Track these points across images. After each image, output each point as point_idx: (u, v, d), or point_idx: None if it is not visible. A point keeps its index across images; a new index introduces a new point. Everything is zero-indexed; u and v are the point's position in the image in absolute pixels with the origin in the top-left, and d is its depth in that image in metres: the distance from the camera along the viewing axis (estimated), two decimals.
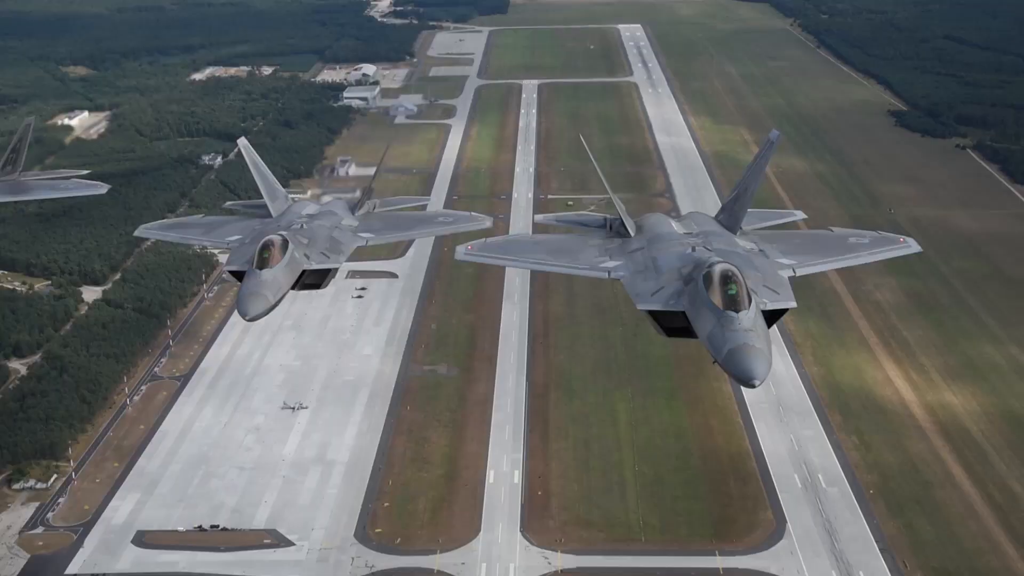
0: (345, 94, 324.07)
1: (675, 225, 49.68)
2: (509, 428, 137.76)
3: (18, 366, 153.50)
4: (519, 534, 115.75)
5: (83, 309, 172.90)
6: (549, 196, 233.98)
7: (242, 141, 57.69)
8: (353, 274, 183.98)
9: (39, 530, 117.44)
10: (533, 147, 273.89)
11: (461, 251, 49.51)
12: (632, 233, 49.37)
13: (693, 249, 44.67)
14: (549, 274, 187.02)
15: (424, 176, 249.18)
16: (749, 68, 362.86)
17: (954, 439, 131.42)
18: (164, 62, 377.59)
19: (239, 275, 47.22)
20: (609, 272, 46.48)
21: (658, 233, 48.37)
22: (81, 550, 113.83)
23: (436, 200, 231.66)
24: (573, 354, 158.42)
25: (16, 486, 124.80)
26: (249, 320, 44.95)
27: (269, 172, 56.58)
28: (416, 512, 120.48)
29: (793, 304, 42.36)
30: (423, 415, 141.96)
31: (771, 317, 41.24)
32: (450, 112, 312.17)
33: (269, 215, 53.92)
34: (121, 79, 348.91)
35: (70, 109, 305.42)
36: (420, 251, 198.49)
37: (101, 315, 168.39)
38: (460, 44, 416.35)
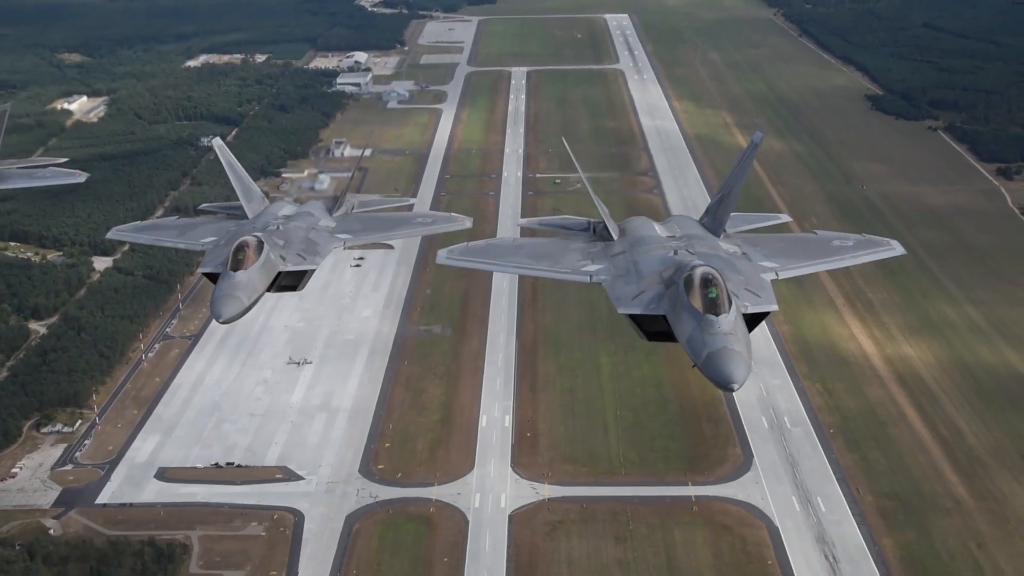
0: (338, 80, 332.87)
1: (658, 228, 49.19)
2: (500, 380, 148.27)
3: (38, 327, 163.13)
4: (510, 469, 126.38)
5: (95, 276, 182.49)
6: (537, 175, 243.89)
7: (216, 141, 56.22)
8: (351, 245, 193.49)
9: (69, 467, 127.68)
10: (522, 130, 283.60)
11: (442, 255, 48.52)
12: (615, 236, 48.83)
13: (675, 252, 44.41)
14: (538, 232, 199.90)
15: (417, 157, 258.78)
16: (732, 55, 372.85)
17: (909, 386, 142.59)
18: (158, 49, 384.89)
19: (214, 277, 45.87)
20: (591, 276, 45.90)
21: (640, 236, 47.99)
22: (108, 484, 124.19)
23: (429, 179, 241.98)
24: (560, 315, 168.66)
25: (44, 430, 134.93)
26: (223, 323, 43.56)
27: (245, 173, 55.06)
28: (415, 451, 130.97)
29: (774, 307, 41.78)
30: (420, 369, 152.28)
31: (752, 320, 40.93)
32: (441, 97, 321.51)
33: (245, 216, 52.56)
34: (116, 66, 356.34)
35: (68, 94, 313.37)
36: None
37: (113, 281, 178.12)
38: (450, 33, 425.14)
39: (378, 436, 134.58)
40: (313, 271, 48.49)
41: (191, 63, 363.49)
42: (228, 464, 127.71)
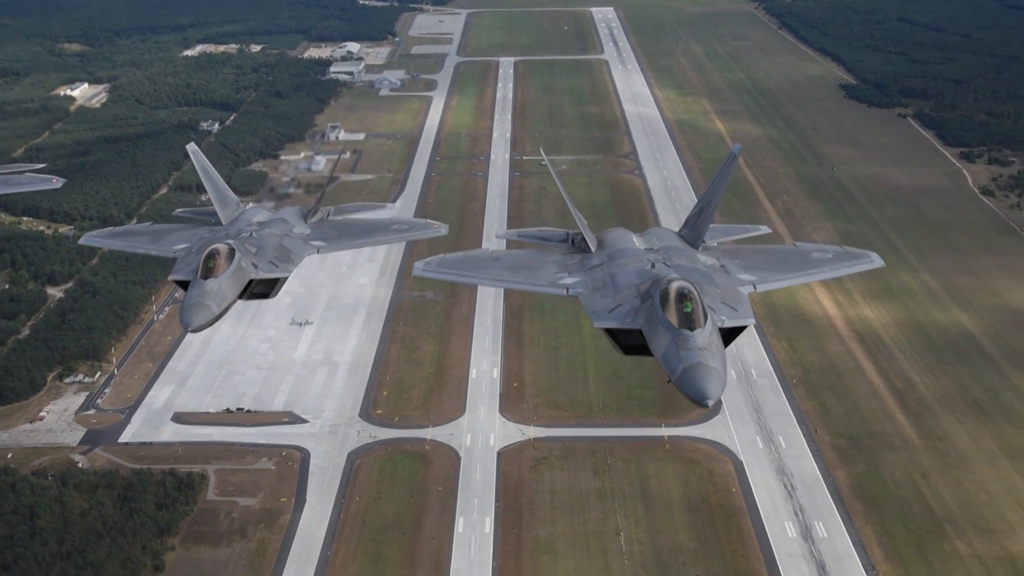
0: (332, 69, 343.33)
1: (636, 240, 48.71)
2: (488, 338, 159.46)
3: (55, 292, 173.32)
4: (498, 414, 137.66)
5: (103, 248, 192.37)
6: (524, 157, 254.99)
7: (191, 147, 55.63)
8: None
9: (91, 412, 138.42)
10: (509, 116, 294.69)
11: (419, 267, 47.83)
12: (593, 248, 48.43)
13: (652, 265, 44.04)
14: (528, 216, 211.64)
15: (409, 140, 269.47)
16: (714, 47, 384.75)
17: (867, 343, 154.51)
18: (156, 39, 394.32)
19: (186, 284, 45.10)
20: (567, 289, 45.55)
21: (619, 249, 47.51)
22: (129, 426, 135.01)
23: (420, 161, 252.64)
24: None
25: (67, 380, 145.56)
26: (191, 331, 42.87)
27: (220, 178, 54.88)
28: (410, 399, 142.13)
29: (751, 321, 42.07)
30: (414, 329, 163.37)
31: (729, 335, 40.86)
32: (431, 85, 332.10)
33: (219, 223, 52.35)
34: (116, 55, 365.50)
35: (70, 81, 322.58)
36: (408, 200, 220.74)
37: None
38: (440, 25, 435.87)
39: (376, 386, 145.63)
40: (286, 279, 48.17)
41: (188, 52, 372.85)
42: (238, 409, 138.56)
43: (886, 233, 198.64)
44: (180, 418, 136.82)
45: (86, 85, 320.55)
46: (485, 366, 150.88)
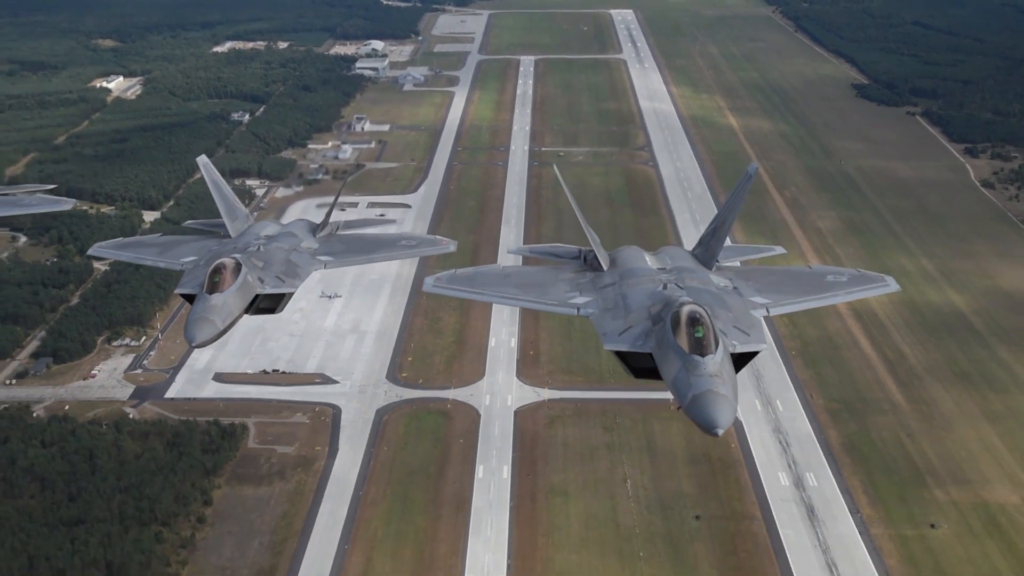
0: (357, 64, 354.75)
1: (649, 259, 48.12)
2: (507, 312, 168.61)
3: (100, 266, 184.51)
4: (515, 378, 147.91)
5: (146, 225, 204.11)
6: (543, 148, 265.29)
7: (202, 159, 55.78)
8: (374, 204, 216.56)
9: (138, 371, 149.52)
10: (529, 110, 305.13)
11: (429, 283, 47.41)
12: (605, 267, 47.93)
13: (664, 286, 43.32)
14: (545, 202, 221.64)
15: (432, 132, 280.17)
16: (730, 48, 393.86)
17: (864, 320, 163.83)
18: (185, 36, 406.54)
19: (192, 298, 44.75)
20: (578, 308, 44.74)
21: (631, 268, 46.83)
22: (173, 384, 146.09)
23: (443, 151, 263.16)
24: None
25: (115, 343, 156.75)
26: (196, 347, 42.96)
27: (230, 191, 54.99)
28: (433, 364, 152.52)
29: (764, 346, 40.98)
30: (436, 303, 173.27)
31: (741, 360, 39.91)
32: (454, 81, 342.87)
33: (228, 235, 52.08)
34: (148, 50, 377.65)
35: (105, 74, 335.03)
36: (431, 187, 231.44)
37: (164, 227, 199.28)
38: (462, 24, 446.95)
39: (401, 352, 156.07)
40: (292, 294, 47.60)
41: (218, 49, 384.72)
42: (274, 371, 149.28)
43: (888, 221, 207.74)
44: (221, 377, 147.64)
45: (121, 78, 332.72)
46: (503, 336, 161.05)
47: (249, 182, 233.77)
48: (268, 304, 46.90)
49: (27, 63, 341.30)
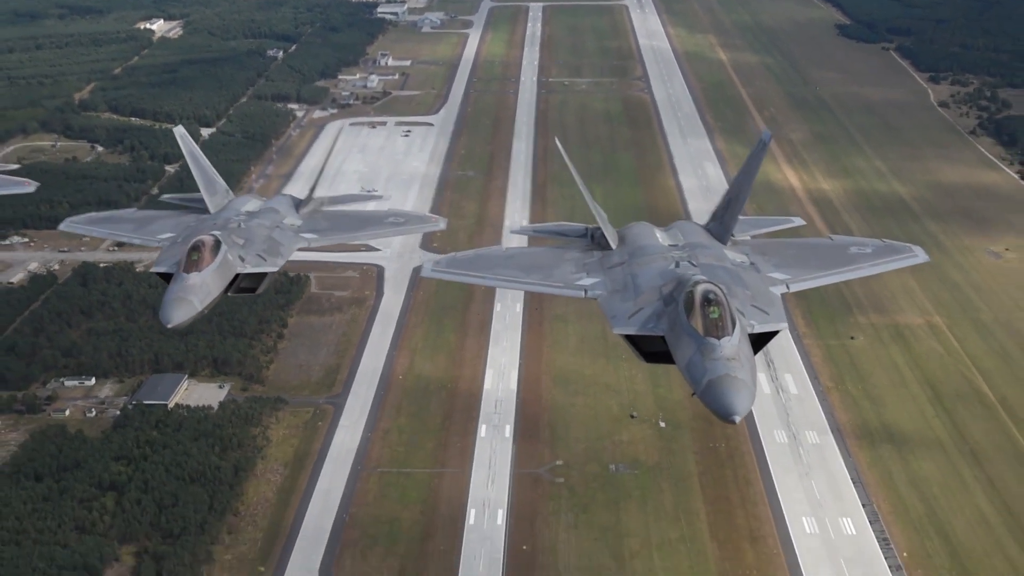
0: (378, 9, 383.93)
1: (660, 235, 45.34)
2: (519, 202, 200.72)
3: (169, 168, 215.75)
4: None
5: (204, 137, 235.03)
6: (550, 79, 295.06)
7: (178, 130, 54.12)
8: (400, 122, 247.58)
9: None
10: (537, 48, 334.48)
11: (428, 267, 45.10)
12: (613, 245, 45.29)
13: (676, 264, 40.81)
14: (551, 122, 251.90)
15: (449, 66, 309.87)
16: None
17: (820, 204, 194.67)
18: None
19: (169, 277, 42.80)
20: (585, 291, 42.17)
21: (641, 246, 44.23)
22: None
23: (460, 81, 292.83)
24: (565, 165, 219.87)
25: None
26: (171, 328, 40.49)
27: (208, 164, 53.22)
28: (459, 238, 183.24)
29: (784, 325, 38.67)
30: (459, 195, 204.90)
31: (759, 339, 37.69)
32: (468, 24, 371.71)
33: (207, 210, 50.36)
34: None
35: (148, 18, 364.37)
36: (450, 110, 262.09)
37: (221, 139, 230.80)
38: None
39: (431, 233, 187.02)
40: (274, 273, 45.98)
41: None
42: None
43: (851, 133, 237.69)
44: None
45: (162, 20, 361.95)
46: (516, 217, 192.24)
47: (290, 105, 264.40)
48: (249, 283, 45.09)
49: (75, 7, 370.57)
